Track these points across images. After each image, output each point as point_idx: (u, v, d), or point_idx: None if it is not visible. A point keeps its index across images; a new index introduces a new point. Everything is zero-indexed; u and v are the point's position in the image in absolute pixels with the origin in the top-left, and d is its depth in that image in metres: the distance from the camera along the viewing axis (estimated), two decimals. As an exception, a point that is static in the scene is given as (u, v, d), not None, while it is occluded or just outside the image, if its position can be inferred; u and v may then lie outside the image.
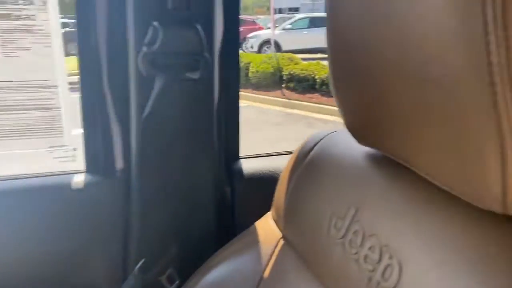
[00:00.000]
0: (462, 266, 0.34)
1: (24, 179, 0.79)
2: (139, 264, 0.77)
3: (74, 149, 0.95)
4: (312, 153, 0.57)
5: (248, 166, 0.86)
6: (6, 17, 0.83)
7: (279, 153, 0.94)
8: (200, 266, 0.67)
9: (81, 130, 0.81)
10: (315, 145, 0.58)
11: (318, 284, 0.49)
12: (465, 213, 0.36)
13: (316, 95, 6.00)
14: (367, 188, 0.46)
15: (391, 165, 0.45)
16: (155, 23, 0.69)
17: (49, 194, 0.78)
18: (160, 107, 0.73)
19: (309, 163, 0.57)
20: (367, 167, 0.48)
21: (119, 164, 0.81)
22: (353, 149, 0.52)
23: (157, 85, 0.73)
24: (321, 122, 5.21)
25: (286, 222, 0.58)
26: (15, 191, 0.77)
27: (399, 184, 0.44)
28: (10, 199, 0.76)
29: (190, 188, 0.81)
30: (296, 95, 6.09)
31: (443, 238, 0.37)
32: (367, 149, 0.50)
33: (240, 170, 0.85)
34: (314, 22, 10.54)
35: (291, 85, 6.29)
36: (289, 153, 0.86)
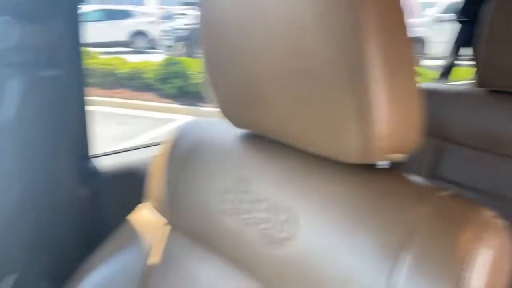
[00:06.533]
0: (345, 219, 0.42)
1: None
2: (8, 282, 0.72)
3: None
4: (186, 139, 0.61)
5: (101, 164, 0.85)
6: None
7: (129, 149, 0.96)
8: (74, 272, 0.64)
9: None
10: (186, 132, 0.62)
11: (211, 256, 0.53)
12: (339, 171, 0.45)
13: (123, 90, 5.81)
14: (249, 163, 0.53)
15: (266, 142, 0.53)
16: (4, 17, 0.63)
17: None
18: (17, 109, 0.67)
19: (186, 150, 0.60)
20: (245, 146, 0.55)
21: None
22: (227, 132, 0.58)
23: (11, 85, 0.66)
24: (133, 118, 4.93)
25: (172, 208, 0.60)
26: None
27: (277, 156, 0.51)
28: None
29: (50, 194, 0.77)
30: (100, 91, 5.61)
31: (327, 195, 0.44)
32: (240, 131, 0.57)
33: (95, 169, 0.83)
34: (110, 15, 9.50)
35: (93, 80, 5.67)
36: (142, 147, 0.92)
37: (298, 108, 0.43)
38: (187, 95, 5.60)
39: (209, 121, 0.63)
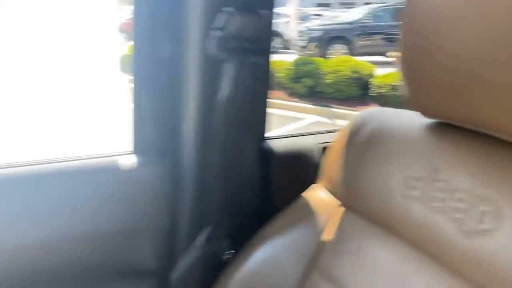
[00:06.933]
0: None
1: (72, 161, 0.80)
2: (202, 235, 0.82)
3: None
4: (367, 127, 0.62)
5: (275, 146, 0.91)
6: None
7: (299, 134, 1.01)
8: (251, 237, 0.70)
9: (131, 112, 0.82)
10: (367, 120, 0.63)
11: (391, 239, 0.54)
12: None
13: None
14: (440, 153, 0.51)
15: (458, 132, 0.51)
16: (228, 9, 0.71)
17: (98, 176, 0.80)
18: (223, 90, 0.75)
19: (367, 137, 0.61)
20: (435, 135, 0.54)
21: (168, 144, 0.83)
22: (412, 121, 0.57)
23: (224, 68, 0.74)
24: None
25: (347, 191, 0.62)
26: (63, 174, 0.78)
27: (473, 146, 0.49)
28: (58, 182, 0.77)
29: (235, 166, 0.84)
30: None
31: None
32: (427, 121, 0.56)
33: (270, 149, 0.89)
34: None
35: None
36: (310, 134, 0.98)
37: None
38: (317, 94, 5.63)
39: (391, 110, 0.64)
